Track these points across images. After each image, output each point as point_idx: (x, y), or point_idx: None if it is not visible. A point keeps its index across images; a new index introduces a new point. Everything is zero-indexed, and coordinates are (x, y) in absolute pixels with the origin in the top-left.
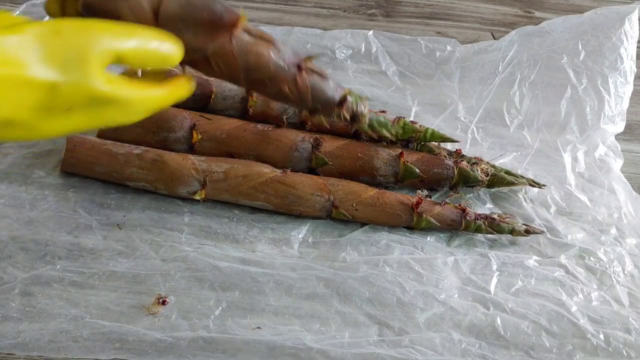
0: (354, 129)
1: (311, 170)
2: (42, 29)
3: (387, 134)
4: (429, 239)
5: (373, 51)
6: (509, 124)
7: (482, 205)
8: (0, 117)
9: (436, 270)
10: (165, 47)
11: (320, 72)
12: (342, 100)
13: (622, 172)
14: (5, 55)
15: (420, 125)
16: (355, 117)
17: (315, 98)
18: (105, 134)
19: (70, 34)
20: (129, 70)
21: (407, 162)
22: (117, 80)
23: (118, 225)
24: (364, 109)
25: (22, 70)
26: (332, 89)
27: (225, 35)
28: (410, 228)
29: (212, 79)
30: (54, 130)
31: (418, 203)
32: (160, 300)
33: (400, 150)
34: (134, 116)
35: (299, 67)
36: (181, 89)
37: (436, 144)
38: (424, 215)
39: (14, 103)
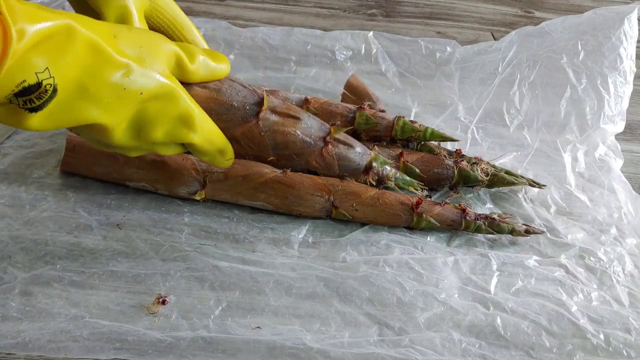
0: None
1: (311, 170)
2: (116, 25)
3: (414, 191)
4: (429, 239)
5: (373, 52)
6: (509, 124)
7: (482, 205)
8: (80, 80)
9: (436, 270)
10: (217, 66)
11: (346, 142)
12: (368, 168)
13: (622, 172)
14: (98, 29)
15: (420, 125)
16: (381, 180)
17: (342, 168)
18: None
19: (140, 33)
20: None
21: (407, 162)
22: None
23: (118, 225)
24: (389, 171)
25: (107, 45)
26: (359, 156)
27: (251, 119)
28: (410, 228)
29: None
30: (125, 114)
31: (418, 203)
32: (160, 300)
33: (400, 150)
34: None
35: (325, 141)
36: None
37: (436, 144)
38: (424, 216)
39: (93, 70)
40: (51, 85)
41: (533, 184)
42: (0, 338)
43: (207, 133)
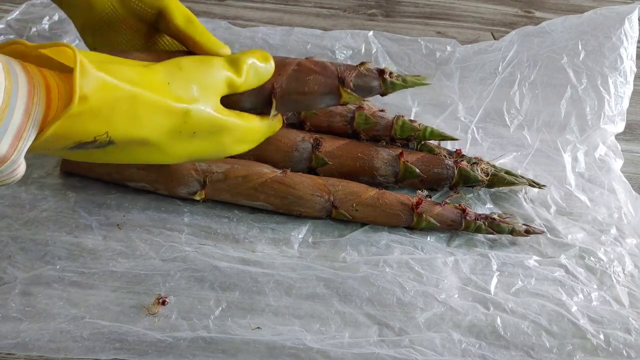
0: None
1: (311, 170)
2: (167, 67)
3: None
4: (429, 239)
5: (373, 52)
6: (509, 124)
7: (482, 205)
8: (140, 136)
9: (436, 270)
10: (264, 67)
11: None
12: (362, 62)
13: (622, 172)
14: (155, 84)
15: (420, 124)
16: (382, 70)
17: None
18: None
19: (190, 69)
20: None
21: (407, 162)
22: (229, 111)
23: (118, 225)
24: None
25: (166, 98)
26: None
27: None
28: (410, 228)
29: None
30: (179, 153)
31: (418, 203)
32: (160, 301)
33: (400, 150)
34: (242, 144)
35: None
36: (277, 122)
37: (436, 143)
38: (424, 216)
39: (154, 126)
40: (107, 140)
41: (533, 184)
42: (0, 338)
43: (256, 139)
